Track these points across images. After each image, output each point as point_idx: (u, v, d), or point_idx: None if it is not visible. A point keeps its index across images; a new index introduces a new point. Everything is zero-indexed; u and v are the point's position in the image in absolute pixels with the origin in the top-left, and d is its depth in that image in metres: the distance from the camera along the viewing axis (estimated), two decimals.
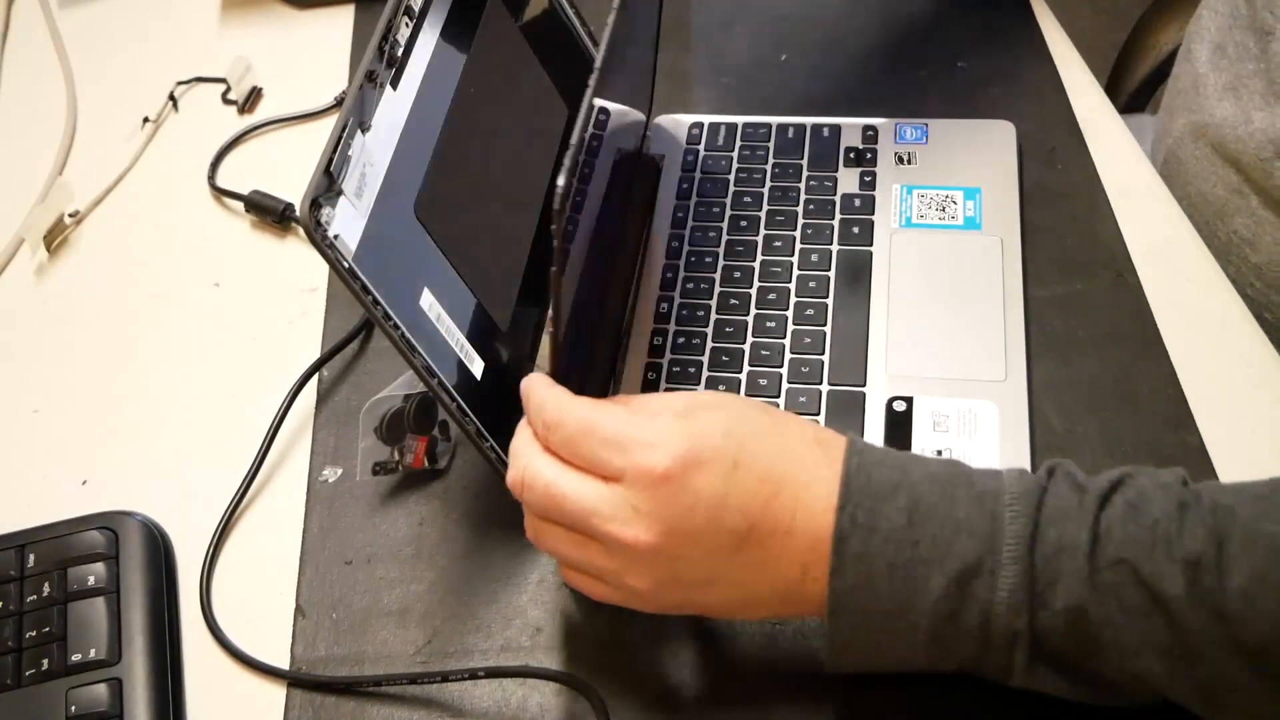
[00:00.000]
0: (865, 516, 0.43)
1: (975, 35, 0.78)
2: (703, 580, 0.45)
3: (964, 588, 0.42)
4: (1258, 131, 0.67)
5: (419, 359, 0.49)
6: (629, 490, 0.44)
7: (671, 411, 0.45)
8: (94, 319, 0.70)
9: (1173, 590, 0.40)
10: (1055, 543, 0.41)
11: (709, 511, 0.43)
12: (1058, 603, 0.41)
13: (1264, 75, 0.67)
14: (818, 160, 0.69)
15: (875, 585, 0.43)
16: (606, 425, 0.44)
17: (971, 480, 0.44)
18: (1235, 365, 0.59)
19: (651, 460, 0.43)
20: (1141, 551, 0.41)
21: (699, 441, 0.44)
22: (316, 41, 0.86)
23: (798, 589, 0.44)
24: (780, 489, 0.44)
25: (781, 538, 0.44)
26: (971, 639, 0.43)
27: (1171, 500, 0.42)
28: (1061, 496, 0.43)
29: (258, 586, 0.57)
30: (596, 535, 0.45)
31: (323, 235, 0.46)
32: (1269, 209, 0.69)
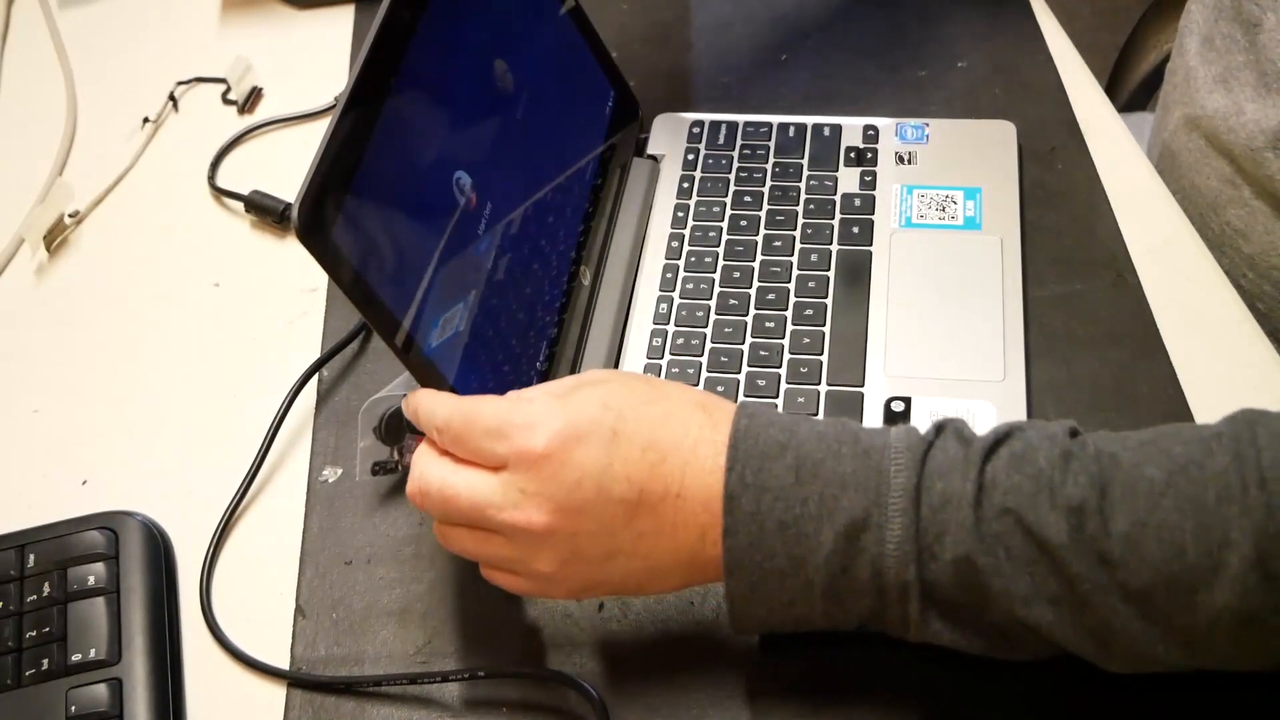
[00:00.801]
0: (754, 476, 0.43)
1: (975, 35, 0.78)
2: (604, 554, 0.45)
3: (853, 542, 0.42)
4: (1249, 122, 0.67)
5: None
6: (514, 475, 0.44)
7: (549, 393, 0.46)
8: (94, 319, 0.70)
9: (1057, 537, 0.40)
10: (941, 495, 0.42)
11: (595, 483, 0.44)
12: (946, 554, 0.42)
13: (1254, 66, 0.67)
14: (818, 160, 0.69)
15: (768, 543, 0.43)
16: (485, 415, 0.45)
17: (858, 437, 0.44)
18: (1235, 365, 0.59)
19: (530, 441, 0.44)
20: (1025, 500, 0.41)
21: (576, 416, 0.44)
22: (316, 41, 0.86)
23: (699, 553, 0.45)
24: (665, 454, 0.44)
25: (673, 501, 0.44)
26: (865, 592, 0.43)
27: (1056, 449, 0.42)
28: (948, 450, 0.43)
29: (258, 586, 0.57)
30: (494, 526, 0.45)
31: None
32: (1261, 199, 0.69)
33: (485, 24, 0.57)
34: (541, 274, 0.60)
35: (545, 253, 0.60)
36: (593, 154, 0.67)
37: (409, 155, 0.51)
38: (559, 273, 0.61)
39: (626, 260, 0.65)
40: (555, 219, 0.62)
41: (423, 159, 0.52)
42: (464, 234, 0.54)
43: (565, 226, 0.63)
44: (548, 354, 0.59)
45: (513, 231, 0.57)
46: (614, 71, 0.69)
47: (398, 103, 0.50)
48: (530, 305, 0.58)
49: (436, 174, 0.52)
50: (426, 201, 0.52)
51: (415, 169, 0.51)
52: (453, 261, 0.52)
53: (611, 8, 0.83)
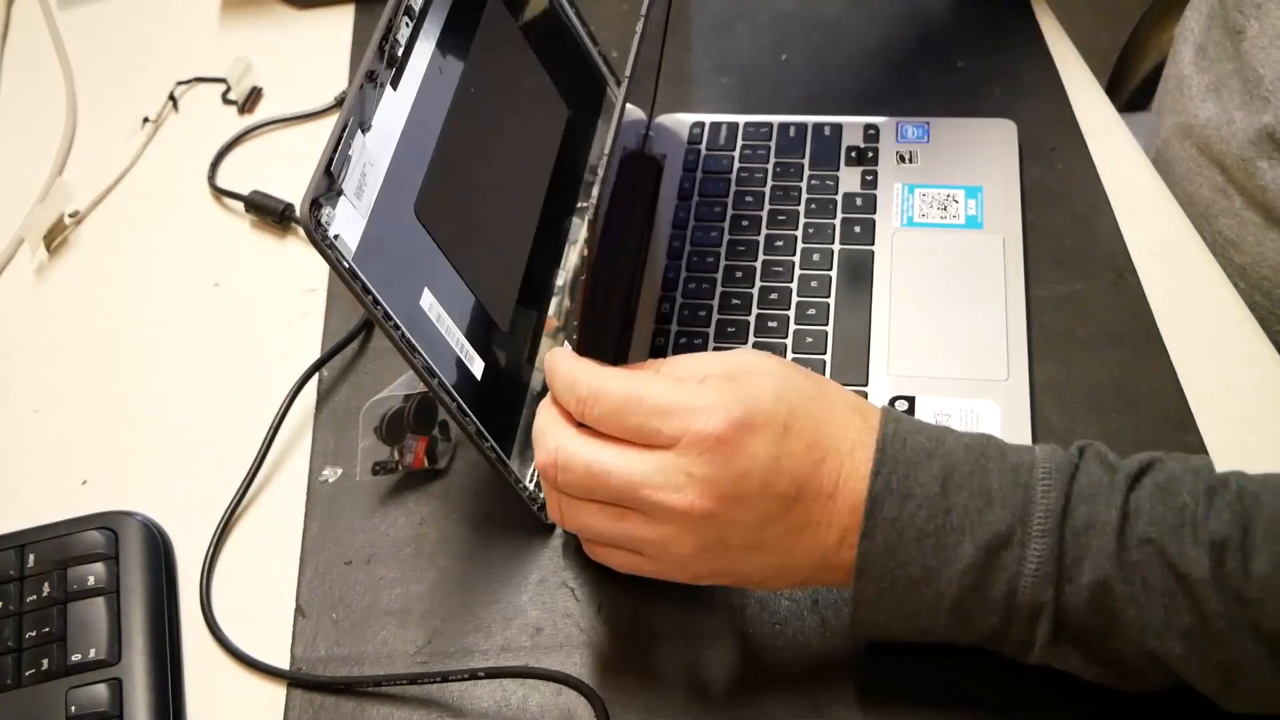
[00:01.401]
0: (900, 482, 0.43)
1: (975, 35, 0.78)
2: (747, 545, 0.45)
3: (993, 558, 0.42)
4: (1239, 131, 0.67)
5: (419, 359, 0.49)
6: (682, 457, 0.43)
7: (717, 376, 0.45)
8: (94, 319, 0.70)
9: (1197, 572, 0.40)
10: (1085, 519, 0.42)
11: (763, 475, 0.43)
12: (1084, 578, 0.41)
13: (1240, 75, 0.67)
14: (819, 159, 0.69)
15: (905, 550, 0.43)
16: (654, 394, 0.44)
17: (1005, 452, 0.44)
18: (1235, 365, 0.59)
19: (708, 425, 0.43)
20: (1169, 532, 0.41)
21: (752, 405, 0.43)
22: (316, 41, 0.85)
23: (833, 556, 0.45)
24: (827, 454, 0.44)
25: (825, 501, 0.44)
26: (995, 610, 0.43)
27: (1200, 484, 0.42)
28: (1093, 474, 0.43)
29: (258, 586, 0.57)
30: (643, 506, 0.44)
31: (323, 235, 0.46)
32: (1252, 209, 0.69)
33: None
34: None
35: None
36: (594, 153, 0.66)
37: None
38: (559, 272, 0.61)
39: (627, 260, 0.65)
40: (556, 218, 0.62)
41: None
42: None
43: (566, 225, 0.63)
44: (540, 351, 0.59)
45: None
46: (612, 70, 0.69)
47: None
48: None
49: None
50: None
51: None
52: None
53: (611, 8, 0.83)
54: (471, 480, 0.59)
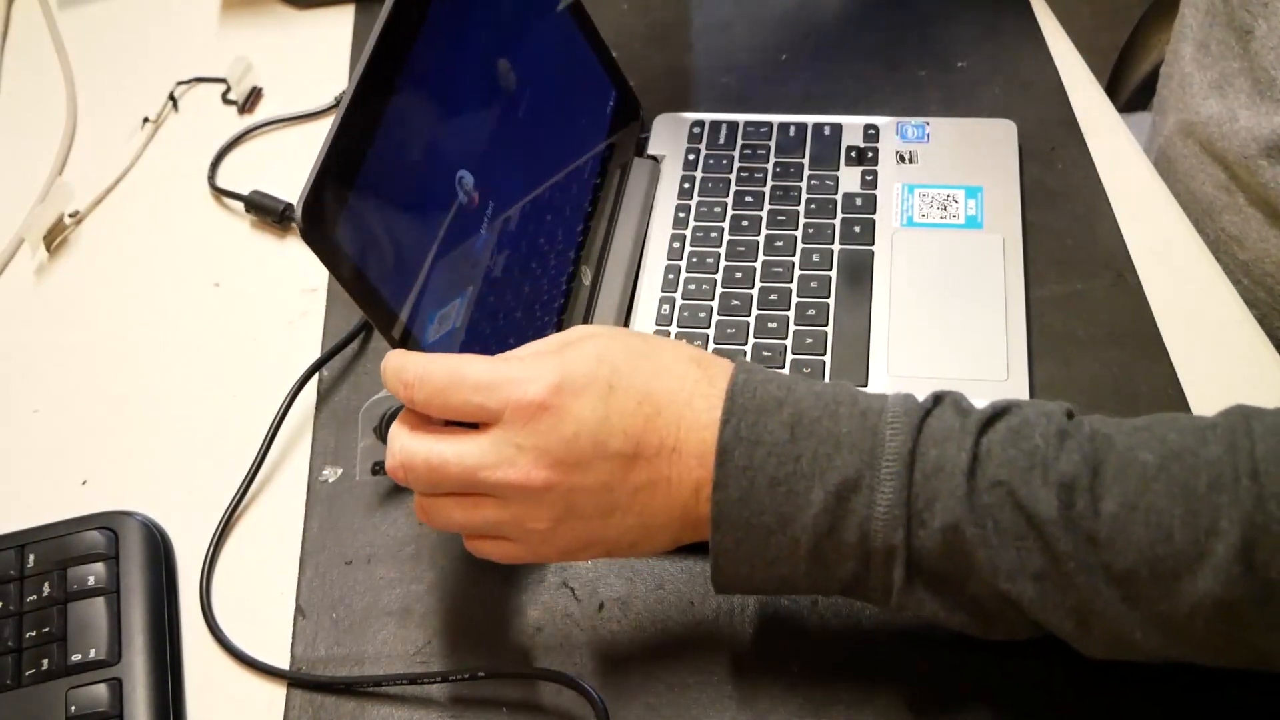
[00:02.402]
0: (748, 430, 0.43)
1: (975, 35, 0.78)
2: (600, 510, 0.45)
3: (843, 502, 0.42)
4: (1242, 130, 0.67)
5: None
6: (508, 430, 0.44)
7: (541, 349, 0.46)
8: (94, 319, 0.70)
9: (1046, 513, 0.40)
10: (935, 462, 0.42)
11: (592, 436, 0.43)
12: (935, 521, 0.41)
13: (1248, 74, 0.67)
14: (819, 159, 0.69)
15: (757, 498, 0.43)
16: (474, 371, 0.44)
17: (856, 399, 0.44)
18: (1235, 365, 0.59)
19: (528, 394, 0.43)
20: (1018, 474, 0.41)
21: (572, 368, 0.44)
22: (316, 41, 0.86)
23: (691, 509, 0.45)
24: (661, 407, 0.44)
25: (668, 455, 0.44)
26: (851, 555, 0.43)
27: (1052, 427, 0.42)
28: (945, 419, 0.43)
29: (258, 586, 0.57)
30: (486, 488, 0.44)
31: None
32: (1255, 207, 0.69)
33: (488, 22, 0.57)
34: (541, 273, 0.60)
35: (545, 252, 0.60)
36: (594, 153, 0.67)
37: (412, 153, 0.51)
38: (559, 272, 0.61)
39: (627, 260, 0.65)
40: (555, 218, 0.62)
41: (426, 157, 0.52)
42: (464, 231, 0.54)
43: (565, 226, 0.63)
44: None
45: (512, 230, 0.57)
46: (615, 71, 0.69)
47: (402, 100, 0.50)
48: (529, 304, 0.58)
49: (439, 172, 0.52)
50: (428, 199, 0.52)
51: (418, 166, 0.51)
52: (451, 258, 0.52)
53: (611, 8, 0.83)
54: None
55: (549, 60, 0.63)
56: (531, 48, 0.61)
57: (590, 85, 0.68)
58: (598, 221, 0.66)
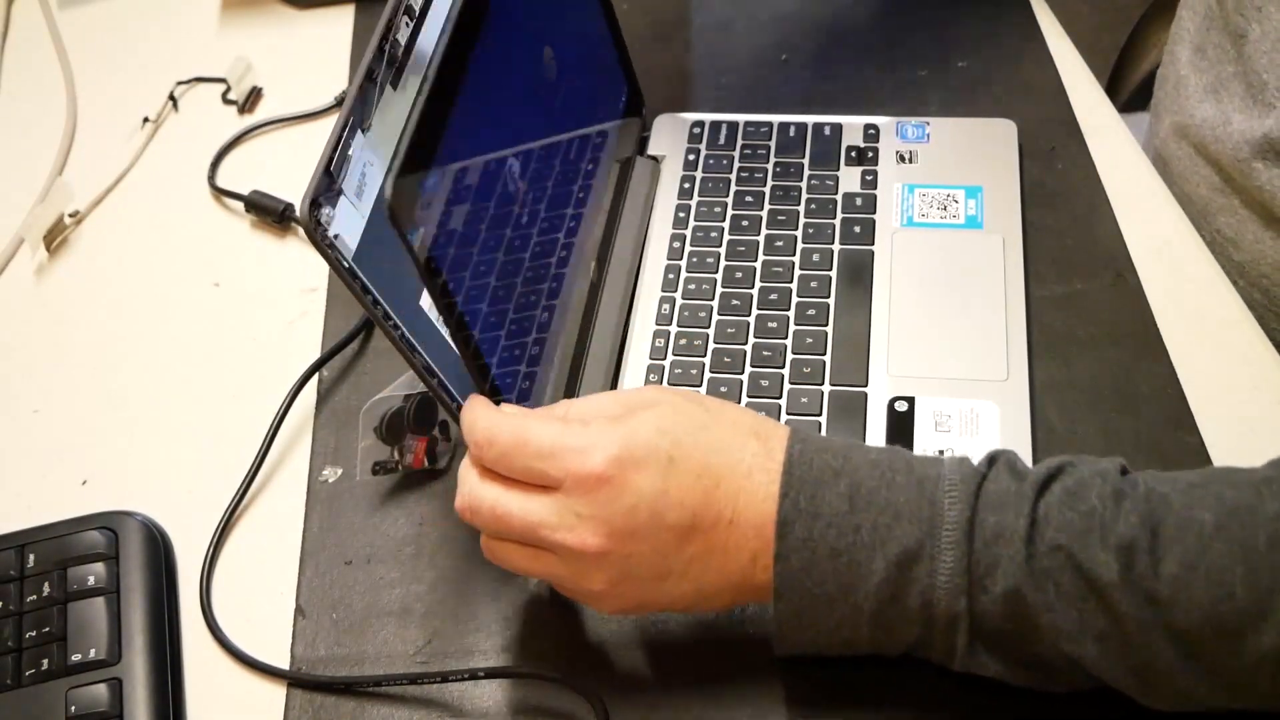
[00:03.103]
0: (808, 502, 0.44)
1: (975, 35, 0.78)
2: (655, 575, 0.46)
3: (905, 572, 0.43)
4: (1235, 133, 0.67)
5: (419, 359, 0.49)
6: (569, 498, 0.45)
7: (604, 416, 0.46)
8: (94, 319, 0.70)
9: (1107, 576, 0.41)
10: (994, 529, 0.42)
11: (650, 508, 0.44)
12: (996, 587, 0.42)
13: (1242, 77, 0.67)
14: (819, 159, 0.69)
15: (819, 569, 0.43)
16: (537, 437, 0.45)
17: (912, 466, 0.45)
18: (1235, 365, 0.59)
19: (587, 465, 0.44)
20: (1077, 537, 0.41)
21: (632, 440, 0.45)
22: (316, 41, 0.86)
23: (748, 577, 0.45)
24: (719, 480, 0.45)
25: (725, 528, 0.45)
26: (914, 621, 0.44)
27: (1108, 487, 0.42)
28: (1000, 483, 0.43)
29: (258, 586, 0.57)
30: (546, 545, 0.46)
31: (323, 235, 0.46)
32: (1250, 209, 0.69)
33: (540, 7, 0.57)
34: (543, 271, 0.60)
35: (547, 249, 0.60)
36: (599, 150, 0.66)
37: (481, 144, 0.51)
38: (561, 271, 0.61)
39: (628, 260, 0.65)
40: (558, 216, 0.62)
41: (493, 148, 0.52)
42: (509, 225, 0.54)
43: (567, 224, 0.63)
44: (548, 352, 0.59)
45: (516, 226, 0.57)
46: (628, 64, 0.69)
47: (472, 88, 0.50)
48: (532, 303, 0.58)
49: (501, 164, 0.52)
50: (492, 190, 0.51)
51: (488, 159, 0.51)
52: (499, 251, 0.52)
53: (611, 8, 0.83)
54: None
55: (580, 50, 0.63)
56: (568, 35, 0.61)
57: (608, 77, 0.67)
58: (598, 220, 0.66)
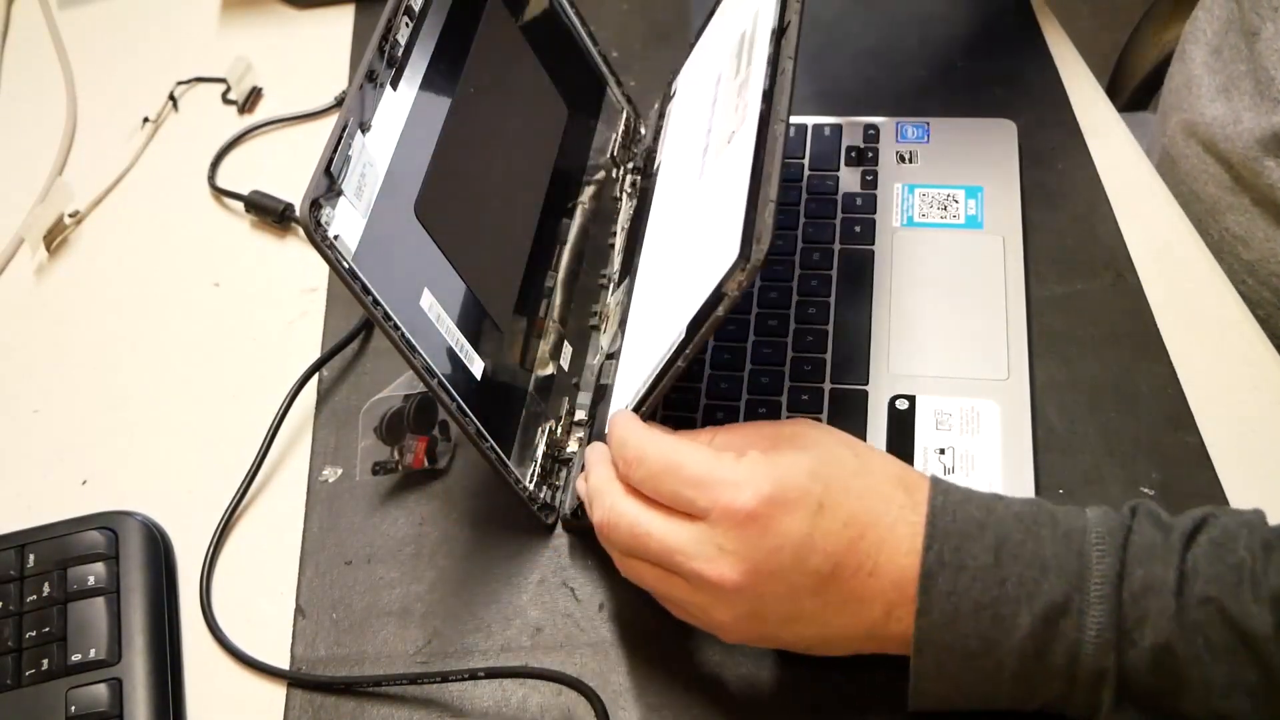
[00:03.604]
0: (952, 555, 0.43)
1: (975, 35, 0.78)
2: (784, 618, 0.45)
3: (1051, 627, 0.42)
4: (1245, 132, 0.67)
5: (419, 359, 0.49)
6: (714, 529, 0.44)
7: (757, 449, 0.45)
8: (94, 319, 0.70)
9: (1260, 629, 0.40)
10: (1142, 581, 0.42)
11: (794, 552, 0.44)
12: (1145, 641, 0.41)
13: (1252, 75, 0.67)
14: (819, 159, 0.69)
15: (962, 623, 0.43)
16: (690, 464, 0.45)
17: (1056, 519, 0.44)
18: (1235, 365, 0.59)
19: (738, 501, 0.43)
20: (1228, 590, 0.41)
21: (785, 482, 0.44)
22: (316, 41, 0.86)
23: (880, 629, 0.45)
24: (865, 531, 0.44)
25: (864, 578, 0.44)
26: (1058, 678, 0.43)
27: (1256, 538, 0.42)
28: (1146, 535, 0.43)
29: (258, 586, 0.57)
30: (681, 572, 0.45)
31: (323, 235, 0.46)
32: (1260, 206, 0.69)
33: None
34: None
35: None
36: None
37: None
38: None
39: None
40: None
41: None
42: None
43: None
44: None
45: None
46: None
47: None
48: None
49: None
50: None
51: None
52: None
53: (611, 7, 0.83)
54: (471, 480, 0.59)
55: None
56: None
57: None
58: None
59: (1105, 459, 0.56)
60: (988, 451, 0.55)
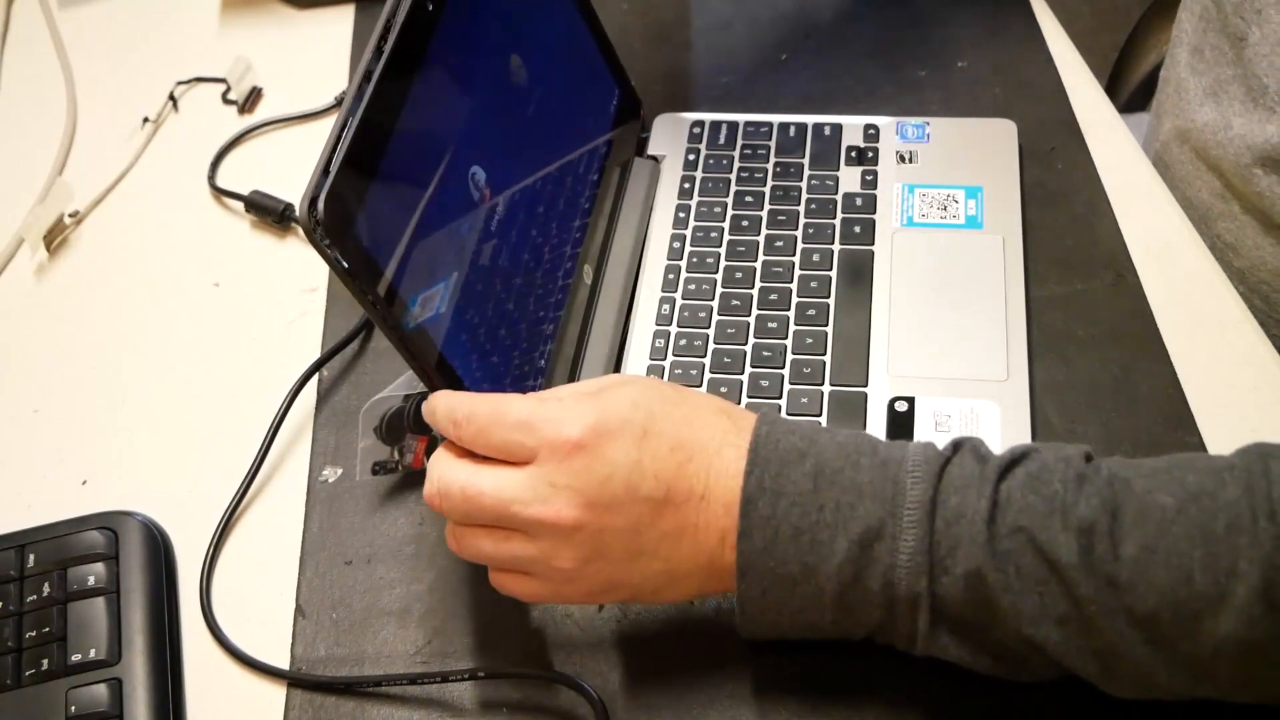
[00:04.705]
0: (772, 481, 0.44)
1: (975, 35, 0.78)
2: (627, 553, 0.45)
3: (866, 551, 0.43)
4: (1236, 138, 0.67)
5: None
6: (544, 467, 0.45)
7: (578, 392, 0.47)
8: (94, 319, 0.70)
9: (1066, 557, 0.41)
10: (955, 509, 0.42)
11: (625, 479, 0.44)
12: (957, 568, 0.42)
13: (1242, 81, 0.67)
14: (819, 159, 0.69)
15: (782, 548, 0.44)
16: (515, 409, 0.46)
17: (876, 449, 0.45)
18: (1235, 365, 0.59)
19: (563, 433, 0.44)
20: (1038, 520, 0.41)
21: (607, 413, 0.45)
22: (316, 41, 0.86)
23: (717, 558, 0.45)
24: (692, 455, 0.45)
25: (697, 503, 0.45)
26: (875, 602, 0.44)
27: (1071, 471, 0.42)
28: (964, 466, 0.44)
29: (258, 586, 0.57)
30: (518, 523, 0.45)
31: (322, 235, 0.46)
32: (1250, 214, 0.69)
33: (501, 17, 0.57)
34: (542, 272, 0.60)
35: (546, 250, 0.60)
36: (596, 152, 0.66)
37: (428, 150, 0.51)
38: (559, 271, 0.61)
39: (628, 260, 0.65)
40: (557, 217, 0.62)
41: (442, 152, 0.52)
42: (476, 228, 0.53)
43: (566, 225, 0.63)
44: (547, 351, 0.59)
45: (516, 228, 0.57)
46: (618, 68, 0.69)
47: (418, 94, 0.50)
48: (531, 303, 0.58)
49: (455, 168, 0.52)
50: (445, 195, 0.51)
51: (435, 162, 0.51)
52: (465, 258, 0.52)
53: (611, 8, 0.83)
54: None
55: (558, 57, 0.63)
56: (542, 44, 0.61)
57: (595, 83, 0.68)
58: (598, 221, 0.66)
59: None
60: None
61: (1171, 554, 0.40)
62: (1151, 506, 0.41)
